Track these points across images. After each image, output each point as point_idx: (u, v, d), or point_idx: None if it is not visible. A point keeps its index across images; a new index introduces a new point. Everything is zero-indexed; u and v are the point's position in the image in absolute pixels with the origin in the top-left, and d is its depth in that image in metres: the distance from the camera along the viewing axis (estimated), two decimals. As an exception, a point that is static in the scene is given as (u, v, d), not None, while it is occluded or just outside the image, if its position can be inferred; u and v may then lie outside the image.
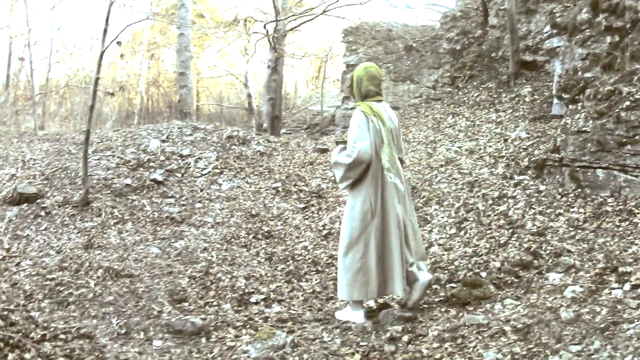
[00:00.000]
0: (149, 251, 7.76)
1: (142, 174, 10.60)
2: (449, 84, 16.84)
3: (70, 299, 5.87)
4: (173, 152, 11.74)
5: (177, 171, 11.01)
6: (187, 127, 13.48)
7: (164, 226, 8.87)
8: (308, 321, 5.61)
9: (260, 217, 9.43)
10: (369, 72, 5.77)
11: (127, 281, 6.57)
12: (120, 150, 11.73)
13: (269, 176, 11.30)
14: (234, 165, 11.62)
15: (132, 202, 9.60)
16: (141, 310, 5.77)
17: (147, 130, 13.51)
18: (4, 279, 6.37)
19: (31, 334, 4.63)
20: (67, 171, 10.59)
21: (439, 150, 11.49)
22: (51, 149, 12.52)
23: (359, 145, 5.43)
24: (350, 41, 21.15)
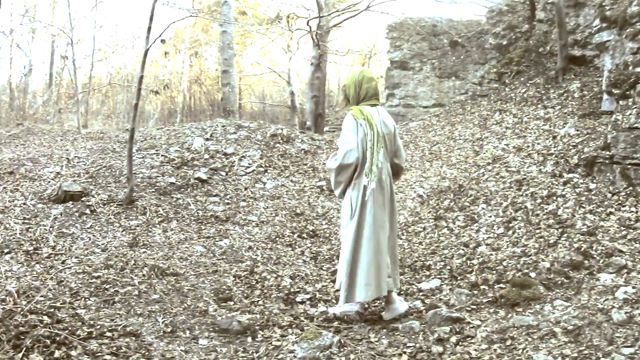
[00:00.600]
0: (193, 250, 7.85)
1: (187, 173, 10.72)
2: (496, 80, 16.72)
3: (116, 297, 5.96)
4: (217, 151, 11.84)
5: (221, 170, 11.11)
6: (231, 126, 13.57)
7: (209, 225, 8.96)
8: (354, 321, 5.62)
9: (304, 215, 9.48)
10: (366, 74, 5.81)
11: (173, 279, 6.66)
12: (165, 148, 11.86)
13: (313, 174, 11.35)
14: (278, 164, 11.69)
15: (177, 201, 9.71)
16: (187, 309, 5.84)
17: (190, 128, 13.63)
18: (50, 277, 6.50)
19: (77, 332, 4.71)
20: (112, 169, 10.74)
21: (485, 147, 11.44)
22: (95, 147, 12.69)
23: (345, 148, 5.48)
24: (395, 37, 21.04)
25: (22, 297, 5.63)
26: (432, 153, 12.51)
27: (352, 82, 5.76)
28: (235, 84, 20.74)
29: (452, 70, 19.52)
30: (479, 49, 19.42)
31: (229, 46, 19.89)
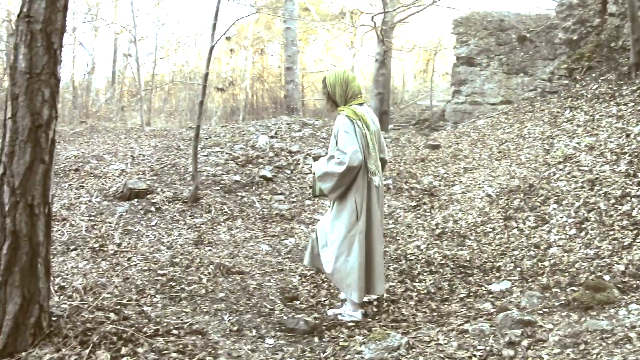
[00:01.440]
0: (259, 248, 7.90)
1: (251, 170, 10.79)
2: (566, 76, 16.44)
3: (182, 295, 6.03)
4: (282, 148, 11.90)
5: (286, 167, 11.16)
6: (295, 123, 13.63)
7: (274, 223, 9.00)
8: (423, 323, 5.58)
9: (371, 215, 9.46)
10: (350, 74, 5.88)
11: (238, 278, 6.71)
12: (229, 146, 11.96)
13: (381, 172, 11.33)
14: (344, 162, 11.69)
15: (242, 199, 9.78)
16: (253, 308, 5.88)
17: (255, 126, 13.72)
18: (116, 274, 6.60)
19: (144, 329, 4.76)
20: (176, 167, 10.88)
21: (556, 146, 11.25)
22: (159, 145, 12.86)
23: (350, 150, 5.48)
24: (461, 32, 20.84)
25: (88, 294, 5.73)
26: (500, 151, 12.35)
27: (337, 82, 5.80)
28: (298, 81, 20.81)
29: (520, 66, 19.26)
30: (548, 44, 19.11)
31: (293, 43, 19.96)
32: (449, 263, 7.35)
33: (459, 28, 20.91)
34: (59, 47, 4.33)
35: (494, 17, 20.67)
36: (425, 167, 11.77)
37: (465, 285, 6.61)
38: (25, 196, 4.17)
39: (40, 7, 4.18)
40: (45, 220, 4.34)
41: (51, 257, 4.63)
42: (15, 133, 4.14)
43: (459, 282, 6.72)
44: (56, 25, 4.27)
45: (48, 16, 4.20)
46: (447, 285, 6.70)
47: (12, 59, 4.25)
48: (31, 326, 4.28)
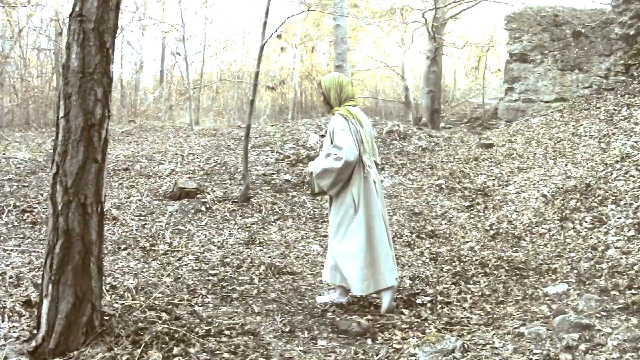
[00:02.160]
0: (310, 248, 7.91)
1: (302, 170, 10.81)
2: (623, 73, 16.17)
3: (233, 295, 6.06)
4: (332, 148, 11.90)
5: (337, 167, 11.16)
6: (345, 121, 13.61)
7: (325, 223, 8.99)
8: (477, 325, 5.53)
9: (423, 215, 9.41)
10: (344, 79, 6.23)
11: (290, 278, 6.72)
12: (279, 145, 12.00)
13: (431, 173, 11.27)
14: (395, 161, 11.66)
15: (292, 199, 9.81)
16: (305, 309, 5.88)
17: (305, 125, 13.74)
18: (167, 273, 6.65)
19: (196, 329, 4.79)
20: (226, 166, 10.94)
21: (613, 145, 11.07)
22: (209, 144, 12.94)
23: (346, 146, 5.77)
24: (514, 28, 20.55)
25: (140, 293, 5.79)
26: (555, 150, 12.20)
27: (333, 86, 6.14)
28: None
29: (575, 63, 18.96)
30: (604, 39, 18.79)
31: (343, 40, 19.93)
32: (503, 265, 7.28)
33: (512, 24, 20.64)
34: (112, 46, 4.37)
35: (547, 12, 20.37)
36: (478, 166, 11.68)
37: (520, 288, 6.53)
38: (78, 195, 4.21)
39: (92, 6, 4.23)
40: (98, 219, 4.38)
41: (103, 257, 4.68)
42: (68, 132, 4.19)
43: (514, 284, 6.65)
44: (108, 24, 4.31)
45: (100, 15, 4.24)
46: (502, 287, 6.63)
47: (65, 58, 4.30)
48: (83, 325, 4.33)
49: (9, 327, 5.00)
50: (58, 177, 4.22)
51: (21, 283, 6.29)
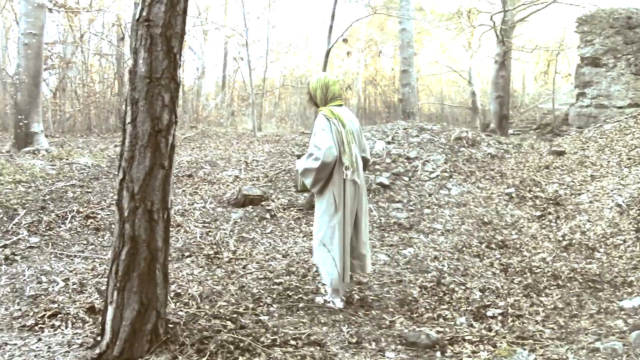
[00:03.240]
0: (377, 258, 7.86)
1: (368, 177, 10.78)
2: (700, 76, 15.83)
3: (299, 305, 6.06)
4: (399, 155, 11.85)
5: (404, 174, 11.10)
6: (412, 128, 13.55)
7: (392, 232, 8.96)
8: (550, 340, 5.43)
9: (492, 225, 9.31)
10: (331, 79, 6.56)
11: (356, 288, 6.69)
12: (345, 151, 11.97)
13: (501, 181, 11.13)
14: (463, 169, 11.56)
15: (358, 206, 9.80)
16: (372, 320, 5.85)
17: (370, 131, 13.71)
18: (232, 281, 6.68)
19: (261, 338, 4.80)
20: (291, 173, 10.97)
21: (695, 154, 10.85)
22: (273, 151, 13.00)
23: (324, 146, 6.11)
24: (585, 31, 20.21)
25: (204, 301, 5.82)
26: (630, 158, 11.95)
27: (319, 86, 6.49)
28: (415, 84, 20.69)
29: (650, 66, 18.61)
30: (681, 41, 18.40)
31: (409, 44, 19.88)
32: (577, 277, 7.16)
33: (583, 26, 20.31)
34: (179, 51, 4.40)
35: (620, 15, 20.00)
36: (549, 174, 11.50)
37: (595, 301, 6.42)
38: (144, 202, 4.25)
39: (159, 11, 4.26)
40: (164, 226, 4.42)
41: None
42: (135, 138, 4.23)
43: (588, 297, 6.54)
44: (176, 29, 4.34)
45: (168, 20, 4.27)
46: (575, 300, 6.52)
47: (132, 64, 4.34)
48: (148, 333, 4.37)
49: (73, 333, 5.08)
50: (125, 183, 4.26)
51: (85, 289, 6.38)
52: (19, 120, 14.07)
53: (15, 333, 5.19)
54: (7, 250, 7.81)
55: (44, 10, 14.52)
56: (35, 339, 4.99)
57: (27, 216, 9.00)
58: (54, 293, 6.28)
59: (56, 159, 12.73)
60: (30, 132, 14.07)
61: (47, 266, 7.24)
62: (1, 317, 5.64)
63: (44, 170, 11.41)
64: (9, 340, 4.99)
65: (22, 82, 14.05)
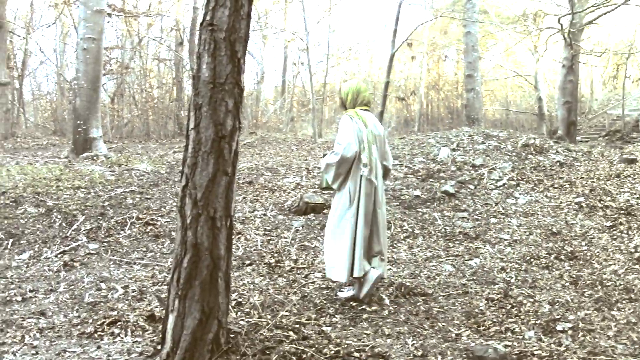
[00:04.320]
0: (442, 268, 7.80)
1: (432, 185, 10.72)
2: None
3: (363, 316, 6.03)
4: (465, 162, 11.76)
5: (470, 182, 11.01)
6: (478, 135, 13.45)
7: (457, 242, 8.88)
8: (623, 356, 5.32)
9: (561, 235, 9.16)
10: (361, 86, 6.95)
11: (421, 300, 6.63)
12: (408, 159, 11.94)
13: (570, 189, 10.97)
14: (531, 177, 11.42)
15: (423, 215, 9.73)
16: (438, 332, 5.79)
17: (435, 138, 13.65)
18: (294, 291, 6.69)
19: (324, 350, 4.79)
20: (352, 181, 10.95)
21: None
22: (335, 157, 12.98)
23: (344, 142, 6.46)
24: (657, 33, 19.92)
25: (266, 311, 5.84)
26: None
27: (350, 91, 6.88)
28: (480, 89, 20.52)
29: None
30: None
31: (474, 48, 19.75)
32: (652, 290, 7.00)
33: (655, 28, 19.96)
34: (243, 56, 4.42)
35: (693, 15, 19.61)
36: (620, 183, 11.29)
37: (672, 316, 6.27)
38: (207, 209, 4.27)
39: (223, 15, 4.28)
40: (227, 234, 4.43)
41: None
42: (199, 144, 4.25)
43: (665, 312, 6.38)
44: (240, 33, 4.35)
45: (232, 24, 4.29)
46: (652, 316, 6.37)
47: (196, 69, 4.37)
48: (209, 342, 4.38)
49: (132, 341, 5.13)
50: (187, 190, 4.28)
51: (144, 297, 6.45)
52: (78, 125, 14.28)
53: (75, 340, 5.26)
54: (66, 257, 7.94)
55: (103, 15, 14.74)
56: (94, 347, 5.05)
57: (86, 222, 9.13)
58: (113, 300, 6.36)
59: (115, 164, 12.90)
60: (89, 138, 14.29)
61: (107, 273, 7.34)
62: (60, 323, 5.72)
63: (103, 176, 11.57)
64: (68, 347, 5.06)
65: (81, 87, 14.27)
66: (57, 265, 7.61)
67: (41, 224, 9.02)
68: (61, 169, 11.96)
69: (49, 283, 6.99)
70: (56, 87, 24.87)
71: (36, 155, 15.30)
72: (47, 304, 6.31)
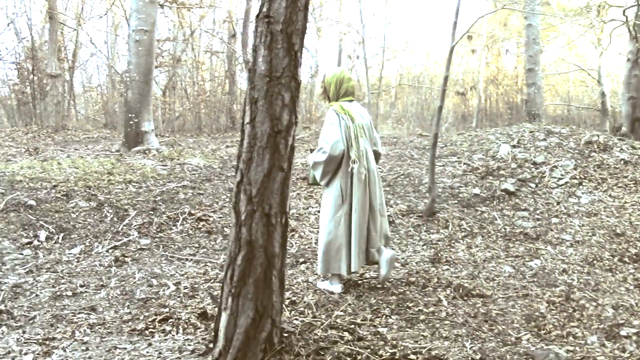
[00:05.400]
0: (501, 269, 7.73)
1: (492, 183, 10.64)
2: None
3: (420, 317, 5.99)
4: (525, 159, 11.64)
5: (531, 181, 10.90)
6: (539, 131, 13.29)
7: (517, 242, 8.80)
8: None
9: (626, 236, 9.02)
10: (346, 75, 7.06)
11: (479, 301, 6.57)
12: (467, 156, 11.86)
13: (635, 189, 10.80)
14: (594, 176, 11.26)
15: (481, 214, 9.65)
16: (497, 335, 5.73)
17: (494, 134, 13.53)
18: (348, 290, 6.68)
19: (380, 351, 4.77)
20: (410, 178, 10.91)
21: None
22: (391, 153, 12.96)
23: (332, 140, 6.59)
24: None
25: (320, 310, 5.83)
26: None
27: (334, 80, 6.96)
28: (541, 84, 20.26)
29: None
30: None
31: (535, 41, 19.50)
32: None
33: None
34: (300, 49, 4.40)
35: None
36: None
37: None
38: (262, 205, 4.27)
39: (280, 7, 4.27)
40: (282, 231, 4.43)
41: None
42: (254, 139, 4.25)
43: None
44: (297, 25, 4.34)
45: (289, 16, 4.28)
46: None
47: (252, 61, 4.37)
48: (262, 341, 4.38)
49: (184, 339, 5.16)
50: (242, 186, 4.28)
51: (196, 294, 6.48)
52: (129, 118, 14.40)
53: (125, 337, 5.31)
54: (117, 252, 8.02)
55: (155, 6, 14.83)
56: (145, 344, 5.09)
57: (138, 217, 9.22)
58: (164, 297, 6.41)
59: (167, 159, 13.00)
60: (141, 131, 14.38)
61: (158, 269, 7.40)
62: (111, 319, 5.78)
63: (155, 171, 11.67)
64: (118, 343, 5.10)
65: (133, 79, 14.37)
66: (108, 261, 7.70)
67: (92, 218, 9.14)
68: (113, 163, 12.08)
69: (100, 278, 7.07)
70: (107, 80, 25.10)
71: (87, 148, 15.47)
72: (98, 299, 6.39)
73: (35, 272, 7.24)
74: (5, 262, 7.50)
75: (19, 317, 5.86)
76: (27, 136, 17.51)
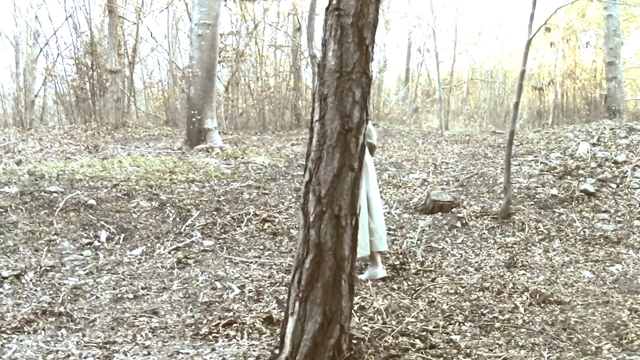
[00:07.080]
0: (580, 275, 7.61)
1: (570, 183, 10.49)
2: None
3: (495, 324, 5.93)
4: (606, 158, 11.46)
5: (611, 181, 10.72)
6: (620, 128, 13.08)
7: (597, 246, 8.66)
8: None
9: None
10: None
11: (557, 308, 6.47)
12: (544, 154, 11.72)
13: None
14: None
15: (559, 216, 9.53)
16: (576, 345, 5.64)
17: (573, 131, 13.35)
18: (420, 295, 6.64)
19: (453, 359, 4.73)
20: (484, 177, 10.82)
21: None
22: (463, 152, 12.88)
23: None
24: None
25: (391, 316, 5.81)
26: None
27: None
28: (622, 78, 19.92)
29: None
30: None
31: (616, 33, 19.19)
32: None
33: None
34: (371, 43, 4.38)
35: None
36: None
37: None
38: (331, 206, 4.26)
39: None
40: (352, 233, 4.42)
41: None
42: (324, 137, 4.24)
43: None
44: (368, 18, 4.32)
45: (359, 9, 4.26)
46: None
47: (321, 56, 4.36)
48: (330, 348, 4.38)
49: (249, 344, 5.18)
50: (311, 186, 4.28)
51: (261, 298, 6.51)
52: (192, 115, 14.51)
53: (188, 341, 5.36)
54: (180, 254, 8.10)
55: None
56: (208, 349, 5.13)
57: (201, 218, 9.30)
58: (228, 300, 6.45)
59: (231, 157, 13.09)
60: (204, 129, 14.50)
61: (222, 271, 7.45)
62: (173, 323, 5.84)
63: (218, 170, 11.77)
64: (181, 348, 5.15)
65: (196, 75, 14.49)
66: (171, 262, 7.78)
67: (154, 218, 9.24)
68: (175, 161, 12.20)
69: (162, 281, 7.15)
70: (168, 75, 25.33)
71: (148, 146, 15.67)
72: (160, 302, 6.46)
73: (95, 274, 7.35)
74: (64, 262, 7.63)
75: (78, 320, 5.95)
76: (86, 133, 17.80)
